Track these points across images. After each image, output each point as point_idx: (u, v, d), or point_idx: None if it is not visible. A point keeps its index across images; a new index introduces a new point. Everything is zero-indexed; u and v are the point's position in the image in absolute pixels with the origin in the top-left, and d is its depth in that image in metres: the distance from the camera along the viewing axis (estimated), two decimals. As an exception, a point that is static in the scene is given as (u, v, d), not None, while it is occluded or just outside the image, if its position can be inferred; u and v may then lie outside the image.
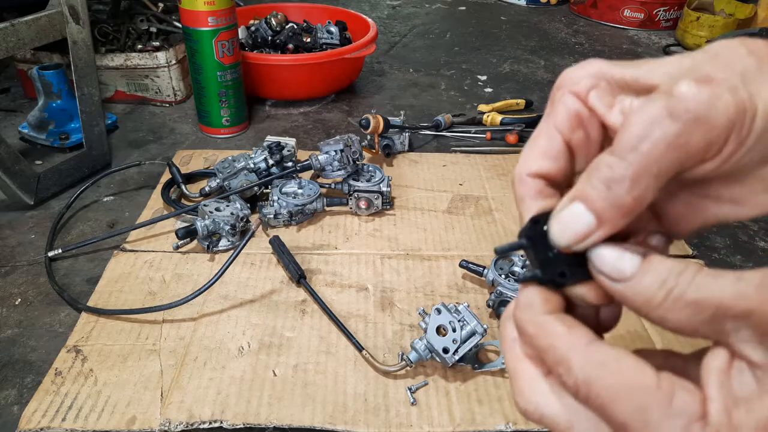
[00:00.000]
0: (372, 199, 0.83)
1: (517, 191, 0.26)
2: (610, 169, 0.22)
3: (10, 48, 0.83)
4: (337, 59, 1.14)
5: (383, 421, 0.56)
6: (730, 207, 0.25)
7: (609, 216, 0.22)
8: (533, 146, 0.26)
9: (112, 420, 0.55)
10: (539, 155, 0.25)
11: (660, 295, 0.21)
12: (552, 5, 1.95)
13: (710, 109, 0.20)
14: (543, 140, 0.26)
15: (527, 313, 0.24)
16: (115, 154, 1.01)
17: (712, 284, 0.20)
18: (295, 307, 0.69)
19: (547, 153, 0.25)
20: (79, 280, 0.73)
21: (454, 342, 0.57)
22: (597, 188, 0.22)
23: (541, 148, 0.26)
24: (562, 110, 0.25)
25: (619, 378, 0.21)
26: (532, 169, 0.25)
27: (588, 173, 0.22)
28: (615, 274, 0.22)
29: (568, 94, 0.25)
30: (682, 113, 0.21)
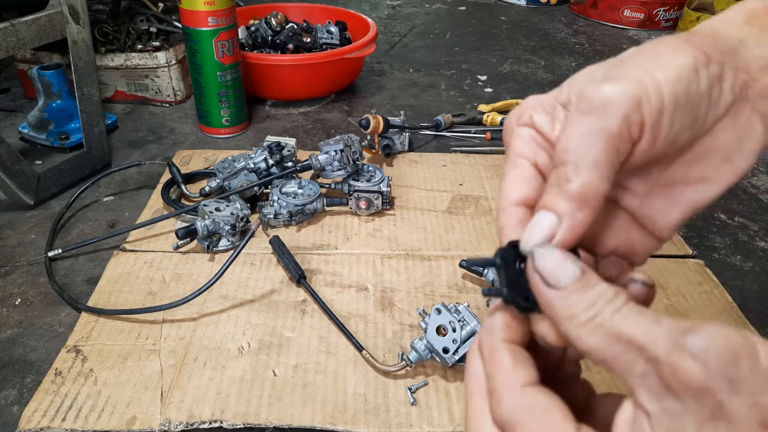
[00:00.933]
0: (372, 199, 0.83)
1: (500, 221, 0.27)
2: (557, 175, 0.24)
3: (10, 48, 0.83)
4: (337, 59, 1.14)
5: (383, 421, 0.56)
6: (700, 187, 0.27)
7: (566, 208, 0.23)
8: (507, 180, 0.27)
9: (112, 420, 0.55)
10: (515, 184, 0.27)
11: (584, 316, 0.22)
12: (552, 5, 1.95)
13: (612, 94, 0.24)
14: (513, 171, 0.27)
15: (486, 335, 0.25)
16: (115, 154, 1.01)
17: (633, 320, 0.21)
18: (295, 307, 0.69)
19: (521, 179, 0.27)
20: (79, 280, 0.73)
21: (454, 342, 0.57)
22: (550, 192, 0.24)
23: (513, 178, 0.27)
24: (518, 141, 0.27)
25: (540, 428, 0.22)
26: (512, 197, 0.27)
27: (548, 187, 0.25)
28: (550, 278, 0.23)
29: (518, 126, 0.27)
30: (590, 106, 0.24)
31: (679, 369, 0.19)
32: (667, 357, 0.19)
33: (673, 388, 0.19)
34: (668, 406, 0.20)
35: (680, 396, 0.19)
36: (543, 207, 0.24)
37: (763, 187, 0.97)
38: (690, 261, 0.77)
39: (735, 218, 0.89)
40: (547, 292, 0.23)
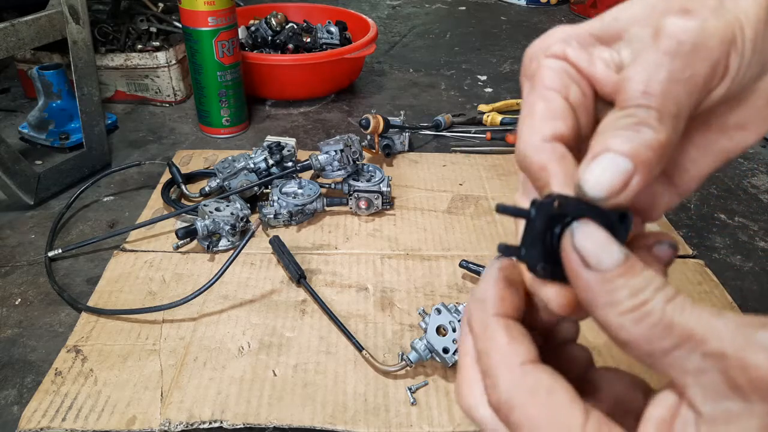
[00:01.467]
0: (372, 199, 0.83)
1: (535, 160, 0.22)
2: (632, 117, 0.20)
3: (10, 48, 0.83)
4: (337, 59, 1.14)
5: (383, 421, 0.56)
6: (737, 134, 0.24)
7: (645, 157, 0.20)
8: (534, 114, 0.23)
9: (112, 420, 0.55)
10: (546, 118, 0.23)
11: (629, 303, 0.19)
12: (552, 5, 1.95)
13: (703, 35, 0.20)
14: (541, 104, 0.23)
15: (477, 308, 0.23)
16: (115, 154, 1.01)
17: (690, 311, 0.19)
18: (295, 307, 0.69)
19: (553, 114, 0.23)
20: (79, 280, 0.73)
21: (454, 342, 0.57)
22: (623, 136, 0.20)
23: (543, 111, 0.23)
24: (548, 72, 0.24)
25: (543, 411, 0.20)
26: (546, 133, 0.23)
27: (604, 131, 0.21)
28: (591, 259, 0.20)
29: (546, 58, 0.24)
30: (678, 47, 0.21)
31: (751, 366, 0.17)
32: (735, 352, 0.17)
33: (741, 387, 0.17)
34: (729, 408, 0.18)
35: (747, 397, 0.17)
36: (614, 149, 0.20)
37: (763, 187, 0.97)
38: (690, 261, 0.77)
39: (735, 218, 0.89)
40: (585, 274, 0.20)
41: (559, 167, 0.22)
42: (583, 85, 0.24)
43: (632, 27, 0.23)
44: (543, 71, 0.24)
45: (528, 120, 0.23)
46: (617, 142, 0.20)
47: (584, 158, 0.21)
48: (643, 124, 0.20)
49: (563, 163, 0.22)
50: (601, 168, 0.20)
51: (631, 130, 0.20)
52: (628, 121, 0.20)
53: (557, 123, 0.23)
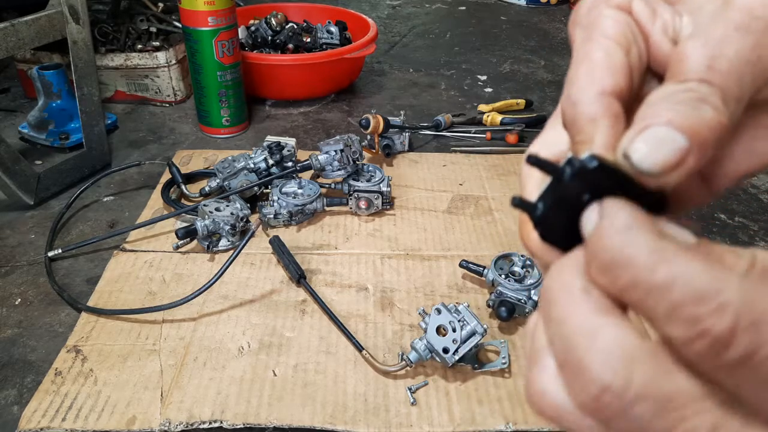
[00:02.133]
0: (372, 199, 0.83)
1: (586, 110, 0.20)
2: (692, 92, 0.18)
3: (10, 48, 0.83)
4: (337, 59, 1.14)
5: (383, 421, 0.56)
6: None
7: (703, 138, 0.18)
8: (591, 61, 0.20)
9: (112, 420, 0.55)
10: (606, 69, 0.20)
11: (743, 264, 0.16)
12: (552, 5, 1.95)
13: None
14: (600, 54, 0.20)
15: (631, 235, 0.17)
16: (115, 154, 1.01)
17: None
18: (295, 307, 0.69)
19: (613, 67, 0.20)
20: (79, 280, 0.73)
21: (454, 342, 0.57)
22: (682, 111, 0.18)
23: (603, 62, 0.20)
24: (610, 22, 0.21)
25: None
26: (605, 85, 0.20)
27: (657, 102, 0.18)
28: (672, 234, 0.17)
29: (608, 6, 0.21)
30: (751, 23, 0.18)
31: None
32: None
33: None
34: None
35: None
36: (671, 124, 0.18)
37: (763, 187, 0.97)
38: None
39: (735, 218, 0.89)
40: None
41: (611, 125, 0.19)
42: (641, 47, 0.21)
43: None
44: (604, 21, 0.21)
45: (585, 66, 0.20)
46: (675, 115, 0.18)
47: (632, 126, 0.19)
48: (705, 102, 0.18)
49: (616, 122, 0.19)
50: (655, 140, 0.18)
51: (690, 105, 0.18)
52: (688, 96, 0.18)
53: (618, 77, 0.20)
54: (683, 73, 0.19)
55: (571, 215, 0.19)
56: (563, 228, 0.19)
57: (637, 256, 0.16)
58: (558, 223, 0.19)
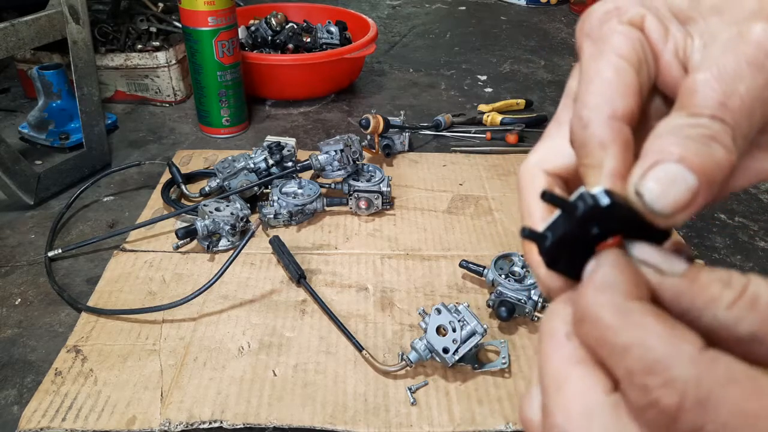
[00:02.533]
0: (372, 199, 0.83)
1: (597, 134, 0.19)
2: (704, 128, 0.18)
3: (10, 48, 0.83)
4: (337, 59, 1.14)
5: (383, 421, 0.56)
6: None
7: (711, 177, 0.17)
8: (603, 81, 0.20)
9: (112, 420, 0.55)
10: (619, 91, 0.20)
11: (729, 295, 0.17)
12: (552, 5, 1.95)
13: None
14: (611, 74, 0.20)
15: (605, 294, 0.18)
16: (115, 154, 1.01)
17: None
18: (295, 307, 0.69)
19: (626, 89, 0.20)
20: (79, 280, 0.73)
21: (454, 342, 0.57)
22: (693, 148, 0.18)
23: (616, 83, 0.20)
24: (622, 40, 0.20)
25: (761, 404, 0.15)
26: (618, 109, 0.19)
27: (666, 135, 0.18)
28: (665, 267, 0.18)
29: (621, 24, 0.21)
30: (765, 61, 0.18)
31: None
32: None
33: None
34: None
35: None
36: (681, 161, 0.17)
37: (763, 187, 0.97)
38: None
39: (735, 218, 0.89)
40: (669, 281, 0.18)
41: (621, 152, 0.19)
42: (651, 66, 0.21)
43: (711, 16, 0.20)
44: (617, 38, 0.20)
45: (597, 86, 0.20)
46: (687, 152, 0.17)
47: (642, 159, 0.18)
48: (716, 141, 0.18)
49: (626, 149, 0.19)
50: (667, 179, 0.18)
51: (702, 143, 0.18)
52: (700, 132, 0.18)
53: (629, 100, 0.20)
54: (695, 107, 0.18)
55: (579, 249, 0.19)
56: (569, 260, 0.20)
57: (604, 315, 0.17)
58: (564, 254, 0.20)
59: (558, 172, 0.22)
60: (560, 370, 0.18)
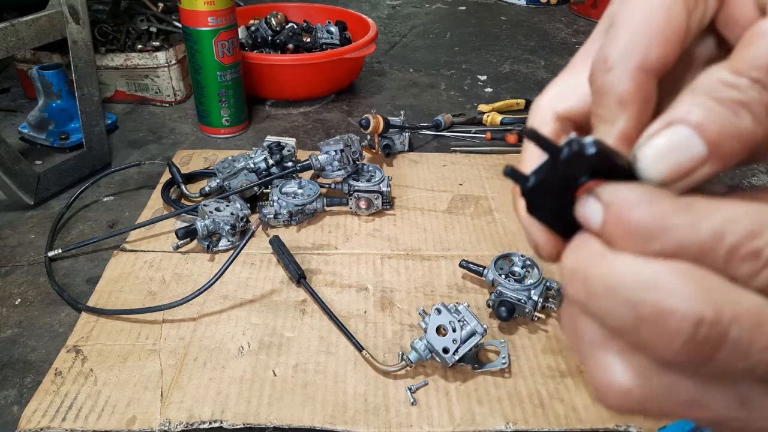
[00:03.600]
0: (372, 199, 0.83)
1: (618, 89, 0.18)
2: (737, 91, 0.16)
3: (10, 48, 0.83)
4: (337, 59, 1.14)
5: (383, 421, 0.56)
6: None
7: (726, 149, 0.16)
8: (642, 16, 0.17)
9: (112, 420, 0.55)
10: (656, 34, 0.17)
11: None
12: (552, 5, 1.95)
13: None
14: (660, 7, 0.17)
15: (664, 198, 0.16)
16: (115, 154, 1.01)
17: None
18: (295, 307, 0.69)
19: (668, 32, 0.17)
20: (79, 280, 0.73)
21: (454, 342, 0.57)
22: (714, 111, 0.16)
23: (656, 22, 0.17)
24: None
25: None
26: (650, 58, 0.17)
27: (697, 91, 0.16)
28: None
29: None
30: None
31: None
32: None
33: None
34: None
35: None
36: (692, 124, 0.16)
37: (763, 187, 0.97)
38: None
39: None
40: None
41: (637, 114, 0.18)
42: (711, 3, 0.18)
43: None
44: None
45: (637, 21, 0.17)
46: (706, 118, 0.16)
47: (659, 119, 0.17)
48: (746, 108, 0.16)
49: (645, 106, 0.18)
50: (668, 143, 0.16)
51: (729, 108, 0.16)
52: (731, 95, 0.16)
53: (668, 48, 0.17)
54: (743, 61, 0.16)
55: (560, 195, 0.18)
56: (551, 205, 0.19)
57: (672, 220, 0.15)
58: (546, 199, 0.19)
59: (573, 114, 0.20)
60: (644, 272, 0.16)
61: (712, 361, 0.15)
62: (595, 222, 0.17)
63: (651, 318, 0.15)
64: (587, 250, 0.17)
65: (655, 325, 0.15)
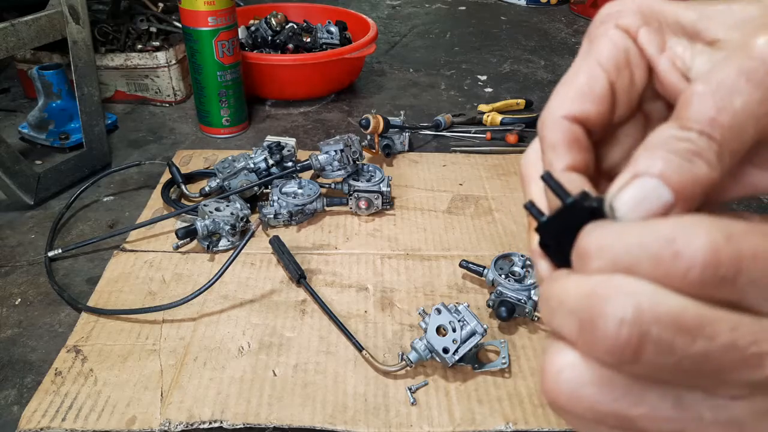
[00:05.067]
0: (372, 199, 0.83)
1: (549, 136, 0.21)
2: (689, 143, 0.18)
3: (10, 48, 0.83)
4: (337, 59, 1.14)
5: (383, 421, 0.56)
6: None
7: (689, 193, 0.18)
8: (570, 85, 0.22)
9: (112, 420, 0.55)
10: (578, 95, 0.22)
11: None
12: (552, 5, 1.95)
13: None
14: (583, 78, 0.22)
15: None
16: (115, 154, 1.01)
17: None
18: (295, 307, 0.69)
19: (589, 94, 0.21)
20: (79, 280, 0.73)
21: (454, 342, 0.57)
22: (674, 163, 0.18)
23: (580, 88, 0.22)
24: (607, 45, 0.22)
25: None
26: (570, 111, 0.21)
27: (653, 148, 0.19)
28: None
29: (615, 28, 0.22)
30: (765, 77, 0.18)
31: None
32: None
33: None
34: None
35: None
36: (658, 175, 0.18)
37: (763, 187, 0.97)
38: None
39: (735, 218, 0.89)
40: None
41: (568, 152, 0.21)
42: (639, 73, 0.22)
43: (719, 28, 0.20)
44: (603, 42, 0.22)
45: (564, 88, 0.22)
46: (668, 167, 0.18)
47: (624, 172, 0.19)
48: (700, 157, 0.18)
49: (573, 148, 0.21)
50: (641, 192, 0.18)
51: (684, 158, 0.18)
52: (685, 147, 0.18)
53: (587, 104, 0.21)
54: (686, 119, 0.19)
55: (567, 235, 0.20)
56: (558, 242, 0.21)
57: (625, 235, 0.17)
58: (555, 236, 0.21)
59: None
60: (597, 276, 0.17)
61: (639, 360, 0.16)
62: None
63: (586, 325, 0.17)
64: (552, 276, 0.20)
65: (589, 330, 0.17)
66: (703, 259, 0.16)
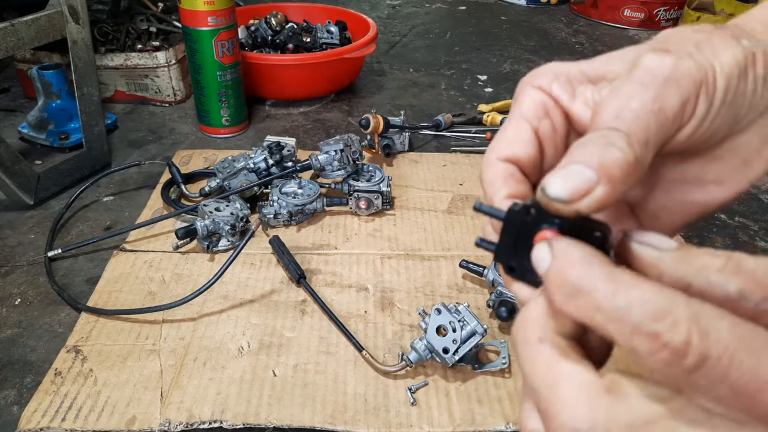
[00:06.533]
0: (372, 199, 0.83)
1: (486, 175, 0.26)
2: (602, 137, 0.21)
3: (10, 48, 0.83)
4: (337, 59, 1.14)
5: (383, 421, 0.56)
6: (713, 189, 0.26)
7: (610, 172, 0.21)
8: (501, 136, 0.26)
9: (112, 420, 0.55)
10: (508, 142, 0.26)
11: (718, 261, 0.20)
12: (552, 5, 1.95)
13: (675, 71, 0.22)
14: (511, 130, 0.26)
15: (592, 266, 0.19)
16: (115, 154, 1.01)
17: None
18: (295, 307, 0.69)
19: (517, 140, 0.26)
20: (79, 280, 0.73)
21: (454, 342, 0.57)
22: (591, 151, 0.21)
23: (510, 137, 0.26)
24: (527, 101, 0.26)
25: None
26: (502, 154, 0.26)
27: (575, 147, 0.22)
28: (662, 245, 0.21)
29: (532, 87, 0.26)
30: (651, 80, 0.22)
31: None
32: None
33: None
34: None
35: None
36: (581, 162, 0.21)
37: (763, 187, 0.97)
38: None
39: (735, 218, 0.89)
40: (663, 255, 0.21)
41: (504, 184, 0.25)
42: (557, 120, 0.26)
43: (626, 66, 0.24)
44: (525, 100, 0.26)
45: (495, 141, 0.26)
46: (584, 155, 0.21)
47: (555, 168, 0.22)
48: (612, 144, 0.21)
49: (509, 180, 0.25)
50: (566, 174, 0.21)
51: (600, 147, 0.21)
52: (599, 140, 0.21)
53: (515, 147, 0.25)
54: (597, 123, 0.22)
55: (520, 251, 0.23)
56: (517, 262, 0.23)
57: (598, 284, 0.19)
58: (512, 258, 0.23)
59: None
60: (548, 371, 0.20)
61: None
62: (542, 269, 0.21)
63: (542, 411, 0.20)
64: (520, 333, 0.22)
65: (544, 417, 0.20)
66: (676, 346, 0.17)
